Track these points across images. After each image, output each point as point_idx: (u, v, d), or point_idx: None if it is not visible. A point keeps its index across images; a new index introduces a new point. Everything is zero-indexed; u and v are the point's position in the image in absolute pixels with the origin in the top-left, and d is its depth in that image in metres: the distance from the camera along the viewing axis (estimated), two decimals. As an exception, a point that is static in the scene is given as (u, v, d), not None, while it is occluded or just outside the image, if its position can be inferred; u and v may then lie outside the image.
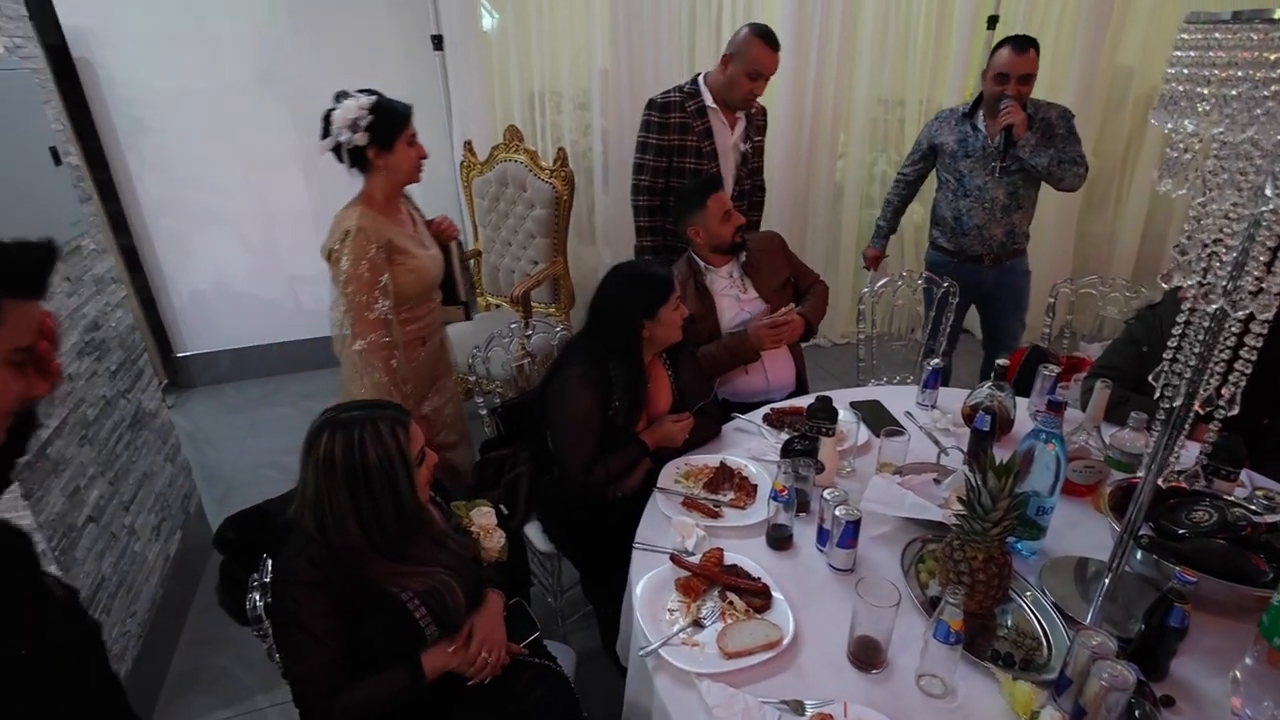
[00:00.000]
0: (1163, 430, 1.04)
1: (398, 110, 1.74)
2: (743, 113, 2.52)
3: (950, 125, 2.59)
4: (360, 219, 1.73)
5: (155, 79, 3.14)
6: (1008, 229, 2.58)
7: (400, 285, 1.79)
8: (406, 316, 1.87)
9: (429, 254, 1.89)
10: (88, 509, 1.77)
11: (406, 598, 1.16)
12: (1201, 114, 0.82)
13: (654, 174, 2.50)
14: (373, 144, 1.71)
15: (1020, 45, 2.35)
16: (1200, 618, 1.15)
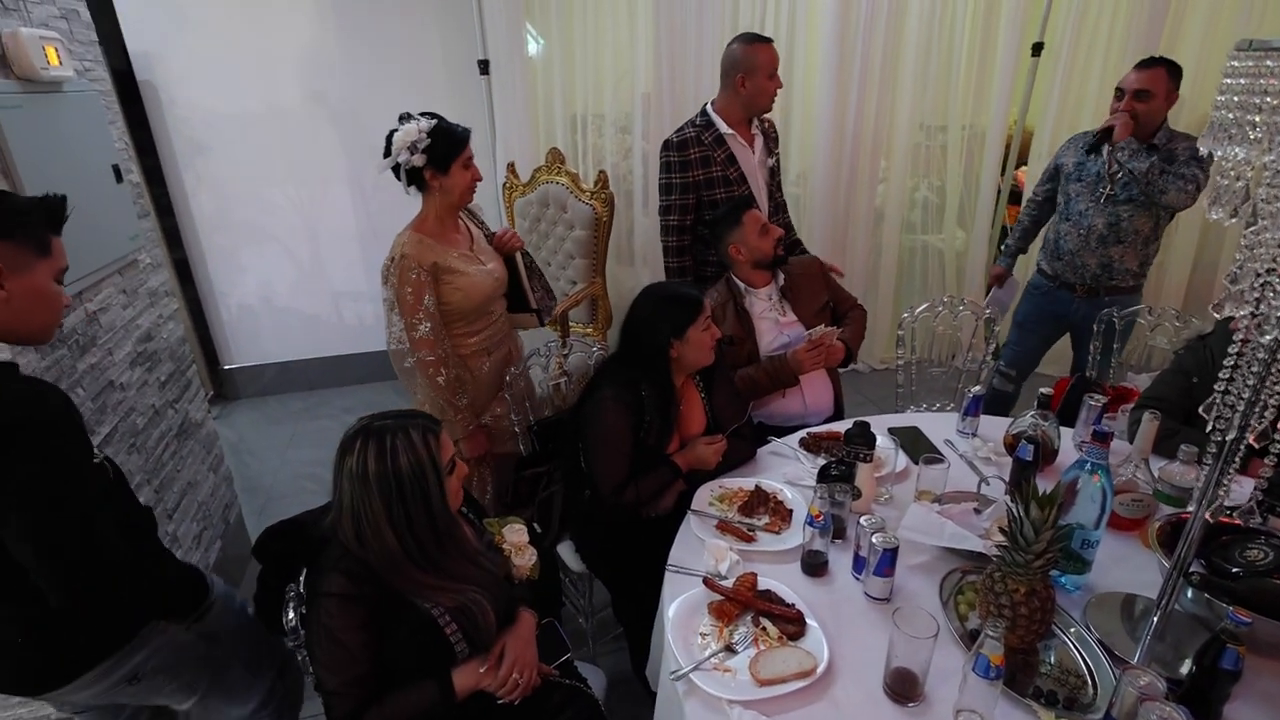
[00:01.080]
0: (1214, 464, 1.01)
1: (456, 134, 1.81)
2: (758, 130, 2.54)
3: (1076, 147, 2.55)
4: (405, 245, 1.82)
5: (212, 101, 3.31)
6: (1104, 261, 2.48)
7: (450, 304, 1.88)
8: (464, 331, 1.96)
9: (484, 269, 1.95)
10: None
11: (438, 613, 1.17)
12: (1252, 141, 0.81)
13: (682, 212, 2.51)
14: (429, 165, 1.79)
15: (1144, 63, 2.32)
16: (1255, 661, 1.10)
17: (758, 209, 2.14)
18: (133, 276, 2.03)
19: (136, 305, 2.02)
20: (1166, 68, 2.28)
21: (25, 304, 1.06)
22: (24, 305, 1.06)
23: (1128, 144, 2.35)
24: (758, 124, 2.55)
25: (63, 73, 1.68)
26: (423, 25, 3.42)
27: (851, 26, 3.38)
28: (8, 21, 1.56)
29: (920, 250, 4.05)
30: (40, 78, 1.60)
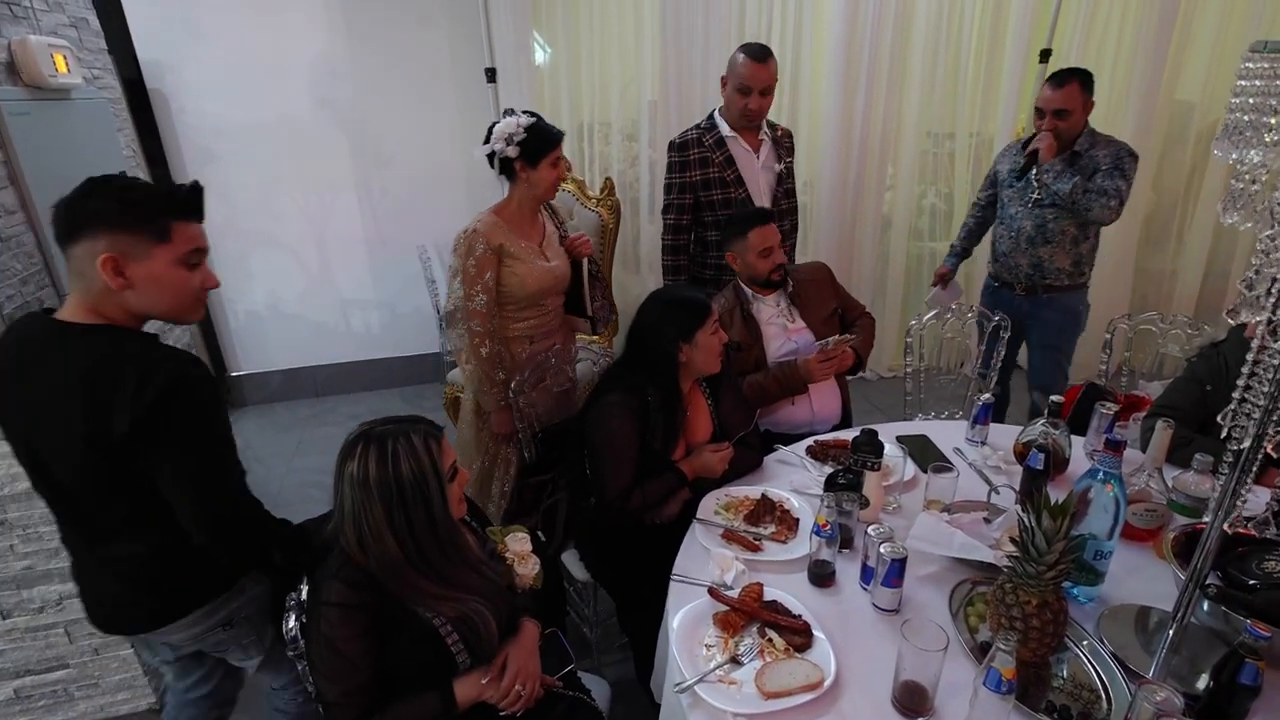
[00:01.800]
0: (1230, 473, 0.99)
1: (550, 134, 1.95)
2: (767, 136, 2.54)
3: (1010, 154, 2.65)
4: (479, 222, 1.98)
5: (222, 109, 3.33)
6: (1034, 261, 2.57)
7: (505, 286, 2.02)
8: (513, 315, 2.09)
9: (547, 265, 2.07)
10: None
11: (439, 623, 1.16)
12: (1269, 144, 0.80)
13: (679, 211, 2.57)
14: (521, 158, 1.93)
15: (1056, 80, 2.38)
16: (1275, 676, 1.07)
17: (772, 228, 2.12)
18: (139, 284, 2.04)
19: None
20: (1079, 81, 2.36)
21: (149, 289, 1.12)
22: (148, 290, 1.12)
23: (1050, 165, 2.40)
24: (768, 130, 2.54)
25: (71, 80, 1.69)
26: (431, 34, 3.44)
27: (858, 33, 3.38)
28: (16, 29, 1.58)
29: (928, 258, 4.03)
30: (48, 85, 1.61)
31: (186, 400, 1.11)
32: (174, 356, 1.14)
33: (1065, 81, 2.36)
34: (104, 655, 1.73)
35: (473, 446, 2.22)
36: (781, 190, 2.61)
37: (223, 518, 1.17)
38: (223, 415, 1.18)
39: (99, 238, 1.08)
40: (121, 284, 1.10)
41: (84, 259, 1.09)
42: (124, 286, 1.10)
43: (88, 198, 1.09)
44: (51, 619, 1.66)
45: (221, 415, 1.18)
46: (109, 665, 1.74)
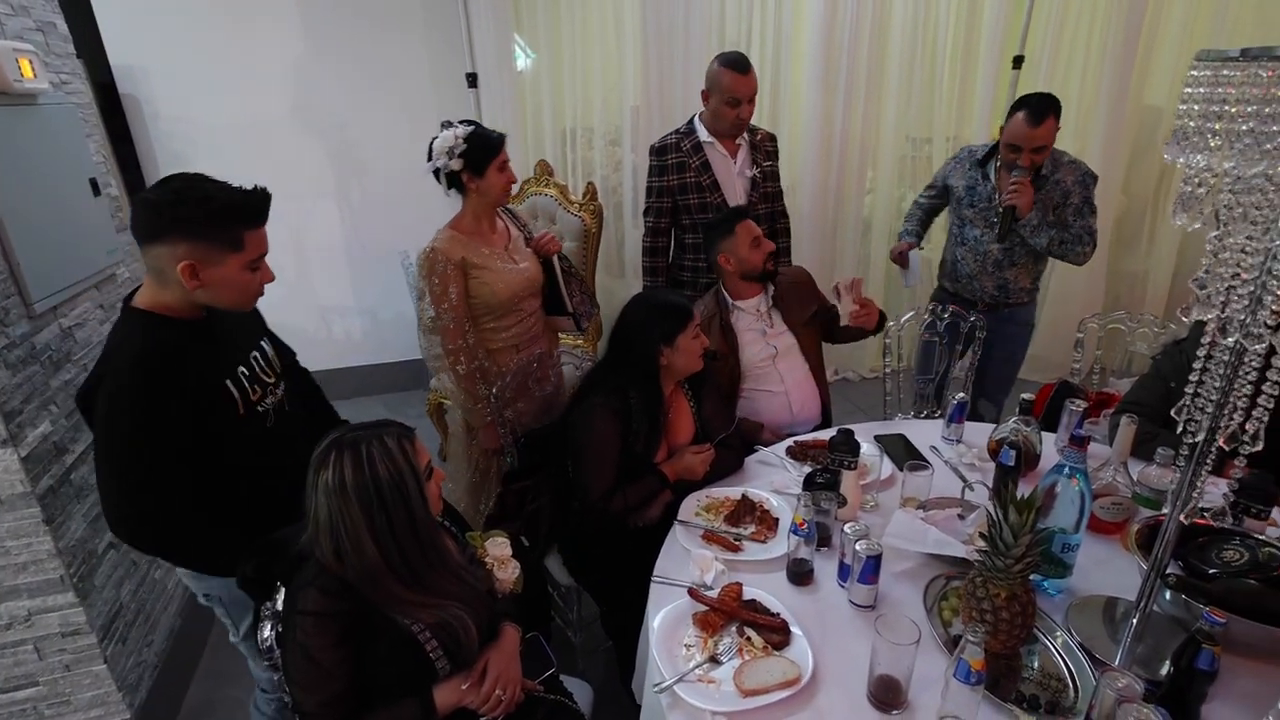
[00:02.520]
0: (1186, 466, 1.02)
1: (490, 139, 1.93)
2: (745, 140, 2.57)
3: (964, 169, 2.53)
4: (437, 240, 1.96)
5: (196, 114, 3.30)
6: (1000, 283, 2.53)
7: (477, 297, 2.00)
8: (493, 325, 2.07)
9: (516, 268, 2.04)
10: (109, 535, 1.81)
11: (418, 630, 1.16)
12: (1213, 149, 0.83)
13: (657, 215, 2.61)
14: (467, 169, 1.91)
15: (1037, 116, 2.21)
16: (1231, 660, 1.11)
17: (752, 222, 2.14)
18: (110, 291, 2.02)
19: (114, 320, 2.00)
20: (1055, 114, 2.23)
21: (219, 290, 1.25)
22: (218, 291, 1.25)
23: (1027, 220, 2.31)
24: (746, 135, 2.58)
25: (38, 85, 1.67)
26: (410, 38, 3.43)
27: (836, 40, 3.42)
28: (-21, 35, 1.56)
29: (908, 260, 4.08)
30: (13, 90, 1.59)
31: (107, 396, 1.20)
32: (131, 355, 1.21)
33: (1044, 117, 2.21)
34: (75, 671, 1.70)
35: (463, 460, 2.22)
36: (758, 194, 2.63)
37: (121, 513, 1.24)
38: (143, 422, 1.20)
39: (180, 244, 1.19)
40: (195, 285, 1.22)
41: (164, 258, 1.20)
42: (197, 287, 1.22)
43: (176, 205, 1.17)
44: (20, 635, 1.63)
45: (140, 421, 1.20)
46: (81, 682, 1.71)
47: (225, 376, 1.32)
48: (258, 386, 1.40)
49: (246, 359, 1.40)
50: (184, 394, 1.23)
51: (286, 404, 1.49)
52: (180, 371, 1.23)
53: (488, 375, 2.04)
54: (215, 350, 1.33)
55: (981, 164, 2.48)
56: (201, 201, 1.18)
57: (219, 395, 1.31)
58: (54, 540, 1.57)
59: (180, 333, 1.27)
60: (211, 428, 1.28)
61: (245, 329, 1.46)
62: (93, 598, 1.69)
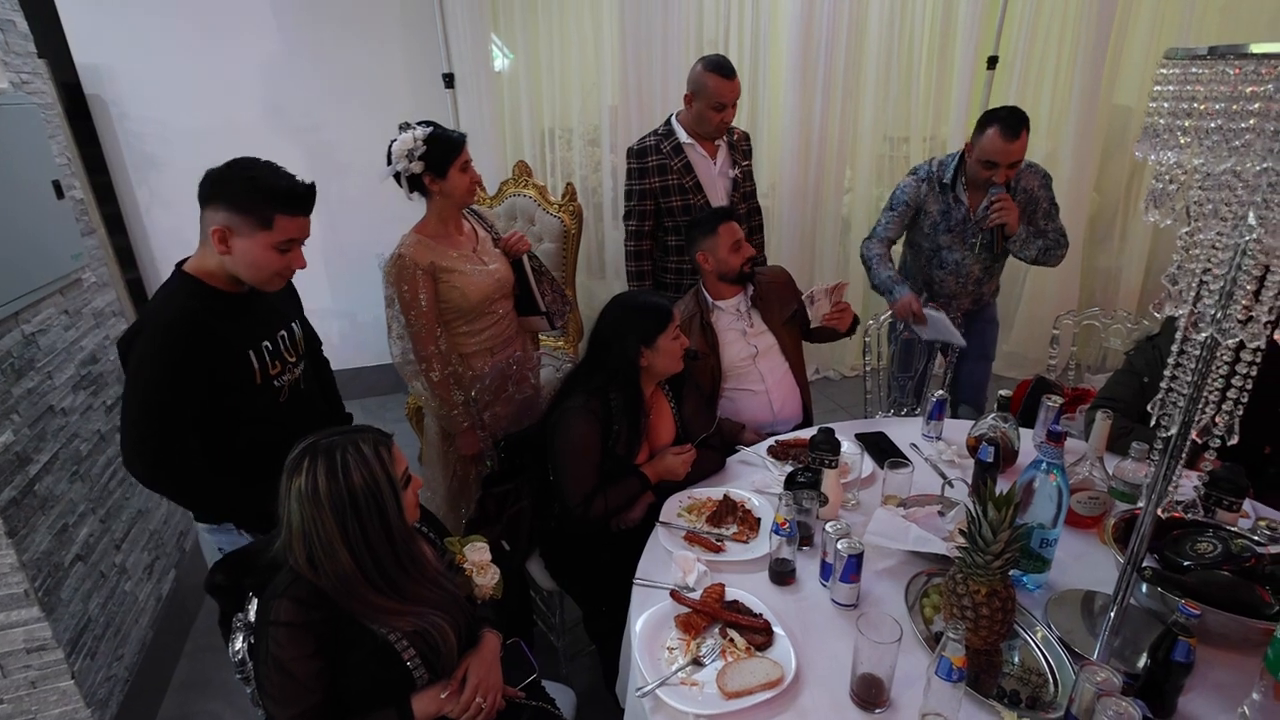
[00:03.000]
0: (1160, 460, 1.03)
1: (451, 139, 1.88)
2: (723, 141, 2.58)
3: (934, 193, 2.45)
4: (404, 246, 1.92)
5: (166, 115, 3.23)
6: (976, 297, 2.60)
7: (448, 302, 1.96)
8: (466, 329, 2.03)
9: (486, 270, 2.00)
10: (76, 547, 1.77)
11: (395, 638, 1.13)
12: (1183, 146, 0.84)
13: (640, 218, 2.60)
14: (428, 171, 1.86)
15: (1011, 130, 2.17)
16: (1207, 652, 1.12)
17: (736, 224, 2.14)
18: (75, 296, 1.97)
19: (80, 326, 1.96)
20: (1027, 127, 2.20)
21: (242, 262, 1.37)
22: (241, 262, 1.37)
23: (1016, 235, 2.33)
24: (724, 135, 2.57)
25: (-5, 85, 1.63)
26: (385, 38, 3.39)
27: (814, 41, 3.44)
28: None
29: (886, 258, 4.11)
30: (-32, 89, 1.55)
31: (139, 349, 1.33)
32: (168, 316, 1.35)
33: (1019, 131, 2.17)
34: (42, 688, 1.65)
35: (440, 467, 2.18)
36: (739, 194, 2.64)
37: (136, 451, 1.35)
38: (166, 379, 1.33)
39: (220, 211, 1.34)
40: (223, 250, 1.35)
41: (207, 221, 1.35)
42: (225, 253, 1.36)
43: (225, 177, 1.34)
44: (-19, 652, 1.58)
45: (163, 377, 1.32)
46: (48, 699, 1.66)
47: (249, 347, 1.44)
48: (278, 362, 1.52)
49: (274, 336, 1.52)
50: (206, 357, 1.36)
51: (303, 383, 1.61)
52: (207, 337, 1.36)
53: (462, 380, 2.01)
54: (245, 322, 1.45)
55: (949, 188, 2.41)
56: (248, 180, 1.34)
57: (239, 362, 1.42)
58: (17, 553, 1.53)
59: (216, 302, 1.40)
60: (227, 390, 1.41)
61: (280, 310, 1.59)
62: (59, 611, 1.65)
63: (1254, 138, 0.77)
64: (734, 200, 2.62)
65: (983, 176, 2.28)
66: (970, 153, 2.30)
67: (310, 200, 1.41)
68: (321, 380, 1.78)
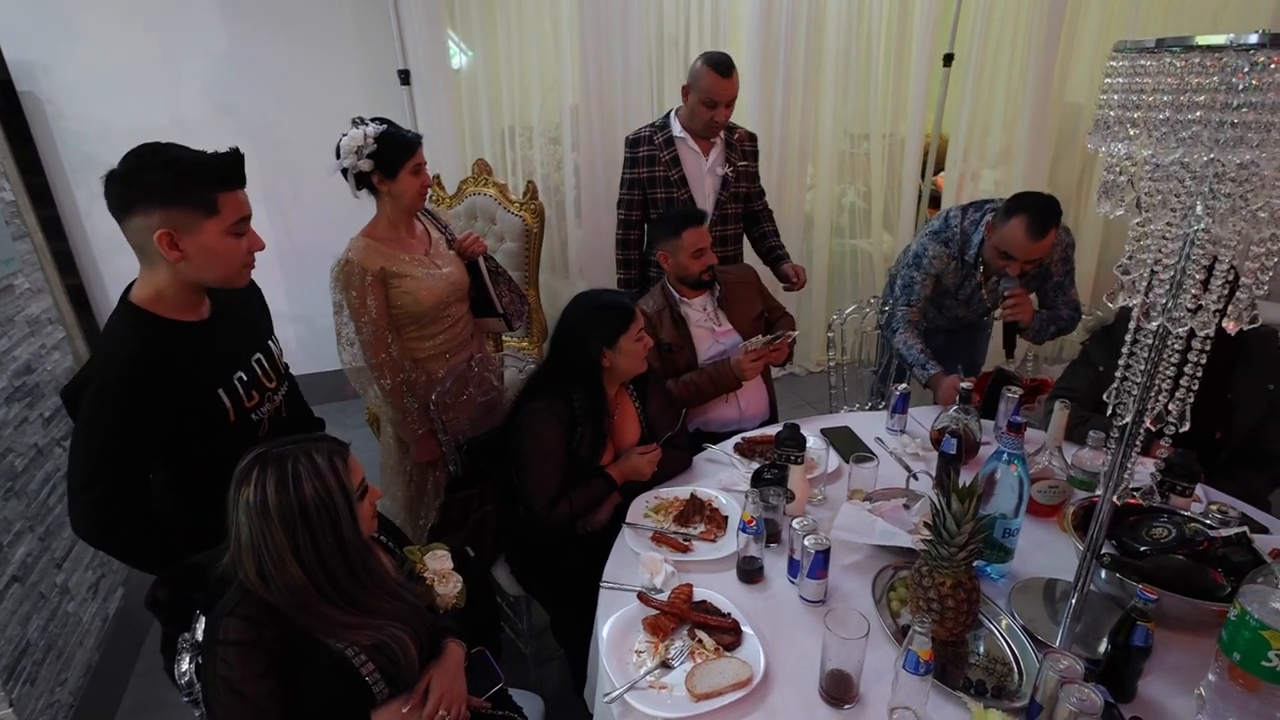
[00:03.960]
0: (1117, 448, 1.05)
1: (404, 140, 1.81)
2: (720, 138, 2.55)
3: (954, 266, 2.25)
4: (351, 250, 1.84)
5: (107, 114, 3.09)
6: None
7: (399, 307, 1.89)
8: (418, 334, 1.97)
9: (438, 273, 1.94)
10: (12, 568, 1.69)
11: (352, 653, 1.09)
12: (1132, 138, 0.85)
13: (628, 207, 2.60)
14: (377, 170, 1.79)
15: (1039, 229, 1.91)
16: (1164, 635, 1.15)
17: (705, 230, 2.12)
18: (8, 303, 1.87)
19: (13, 335, 1.86)
20: (1057, 222, 1.96)
21: (200, 260, 1.20)
22: (200, 261, 1.20)
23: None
24: (725, 132, 2.55)
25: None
26: (337, 33, 3.30)
27: (773, 39, 3.45)
28: None
29: (850, 254, 4.16)
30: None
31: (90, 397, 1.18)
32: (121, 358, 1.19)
33: (1047, 231, 1.92)
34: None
35: (396, 473, 2.12)
36: (728, 193, 2.59)
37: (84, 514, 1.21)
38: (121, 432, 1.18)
39: (153, 213, 1.15)
40: (177, 256, 1.18)
41: (141, 232, 1.17)
42: (179, 259, 1.18)
43: (140, 172, 1.15)
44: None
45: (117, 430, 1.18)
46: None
47: (219, 385, 1.29)
48: (255, 392, 1.36)
49: (248, 363, 1.36)
50: (165, 404, 1.20)
51: (284, 410, 1.46)
52: (167, 380, 1.20)
53: (415, 387, 1.95)
54: (212, 355, 1.29)
55: (974, 265, 2.22)
56: (167, 165, 1.15)
57: (209, 403, 1.27)
58: (-54, 576, 1.44)
59: (175, 336, 1.24)
60: (196, 436, 1.26)
61: (251, 329, 1.43)
62: (-7, 636, 1.56)
63: (1200, 129, 0.78)
64: (721, 199, 2.59)
65: (998, 264, 2.06)
66: (990, 233, 2.08)
67: (242, 168, 1.23)
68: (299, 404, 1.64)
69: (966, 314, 2.41)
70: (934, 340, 2.47)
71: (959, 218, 2.23)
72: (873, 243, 4.12)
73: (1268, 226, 0.80)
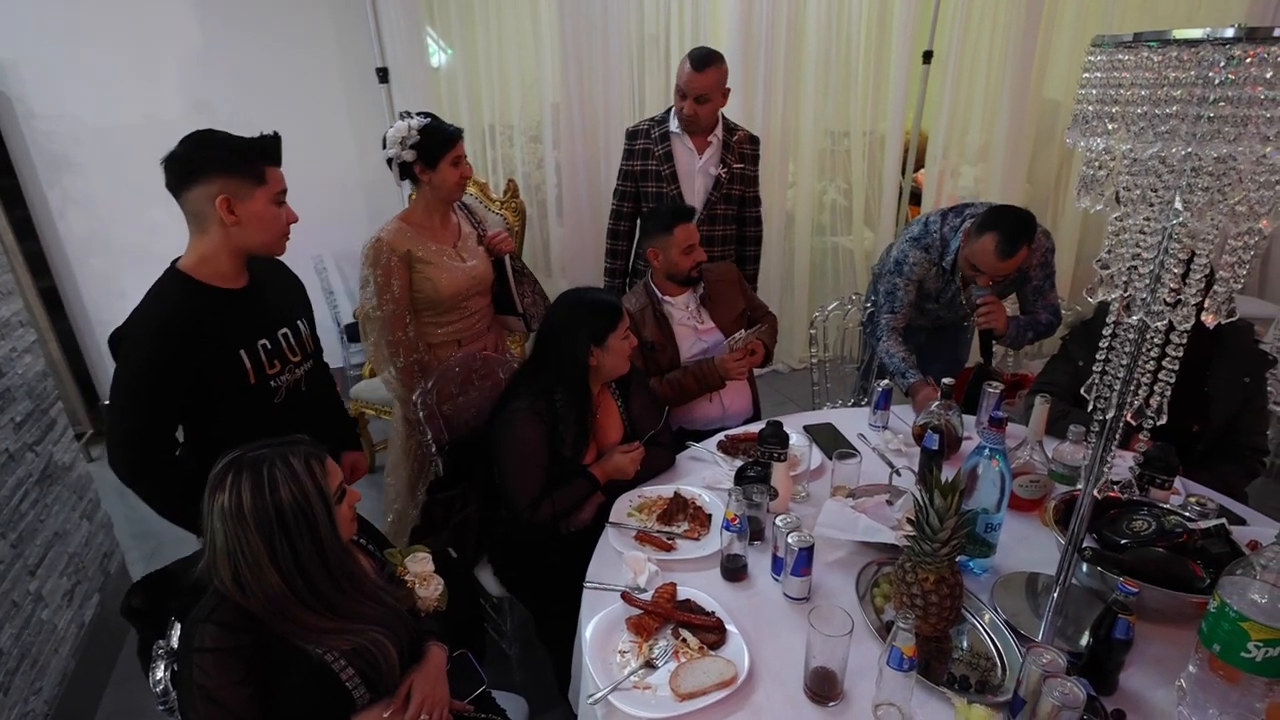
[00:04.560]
0: (1097, 442, 1.05)
1: (445, 132, 1.91)
2: (718, 138, 2.55)
3: (935, 271, 2.26)
4: (385, 230, 1.95)
5: (80, 112, 3.03)
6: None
7: (420, 292, 1.98)
8: (432, 320, 2.05)
9: (462, 266, 2.02)
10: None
11: (332, 659, 1.07)
12: (1110, 132, 0.85)
13: (621, 198, 2.62)
14: (419, 161, 1.89)
15: (1009, 249, 1.92)
16: (1145, 627, 1.15)
17: (693, 227, 2.11)
18: (-24, 300, 1.83)
19: None
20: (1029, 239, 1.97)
21: (251, 226, 1.36)
22: (251, 227, 1.36)
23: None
24: (723, 133, 2.54)
25: None
26: (315, 31, 3.25)
27: (753, 38, 3.45)
28: None
29: (831, 251, 4.17)
30: None
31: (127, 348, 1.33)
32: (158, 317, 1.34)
33: (1017, 249, 1.94)
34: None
35: (402, 453, 2.17)
36: (719, 194, 2.57)
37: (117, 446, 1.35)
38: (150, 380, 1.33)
39: (214, 180, 1.31)
40: (233, 220, 1.34)
41: (201, 200, 1.32)
42: (235, 223, 1.34)
43: (203, 148, 1.32)
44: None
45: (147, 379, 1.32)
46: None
47: (240, 346, 1.41)
48: (277, 361, 1.48)
49: (273, 334, 1.48)
50: (192, 357, 1.34)
51: (304, 385, 1.57)
52: (194, 336, 1.34)
53: (427, 369, 2.01)
54: (240, 320, 1.43)
55: (951, 272, 2.23)
56: (225, 142, 1.33)
57: (229, 362, 1.40)
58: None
59: (209, 298, 1.38)
60: (216, 390, 1.38)
61: (284, 307, 1.56)
62: (-38, 647, 1.52)
63: (1178, 123, 0.78)
64: (711, 199, 2.57)
65: (968, 275, 2.09)
66: (965, 242, 2.08)
67: (280, 148, 1.40)
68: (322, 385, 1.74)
69: (949, 315, 2.42)
70: (916, 338, 2.47)
71: (939, 223, 2.22)
72: (854, 240, 4.14)
73: (1244, 220, 0.80)
